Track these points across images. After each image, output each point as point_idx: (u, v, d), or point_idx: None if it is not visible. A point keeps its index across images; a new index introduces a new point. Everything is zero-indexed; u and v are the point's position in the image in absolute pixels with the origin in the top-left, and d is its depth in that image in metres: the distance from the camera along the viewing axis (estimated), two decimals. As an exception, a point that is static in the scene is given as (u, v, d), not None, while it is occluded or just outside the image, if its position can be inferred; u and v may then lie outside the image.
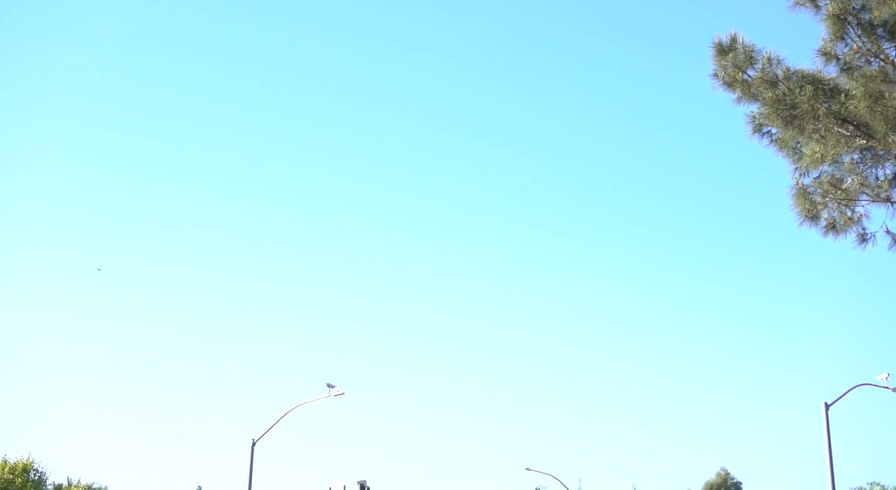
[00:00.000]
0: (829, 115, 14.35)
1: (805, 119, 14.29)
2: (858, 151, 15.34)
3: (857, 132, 14.57)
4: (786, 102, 14.39)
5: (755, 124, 15.89)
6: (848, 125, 14.56)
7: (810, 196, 15.51)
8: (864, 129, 14.44)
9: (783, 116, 14.47)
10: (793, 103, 14.32)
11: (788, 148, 15.96)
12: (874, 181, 15.36)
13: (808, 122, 14.31)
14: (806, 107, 14.14)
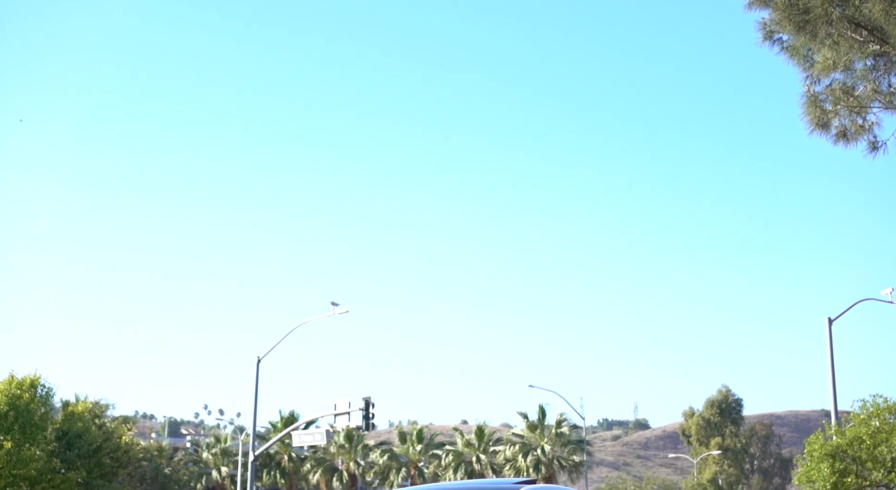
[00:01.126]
0: (842, 19, 13.99)
1: (818, 24, 13.92)
2: (871, 58, 15.00)
3: (870, 37, 14.22)
4: (798, 7, 14.02)
5: (766, 31, 15.53)
6: (861, 30, 14.20)
7: (821, 104, 15.19)
8: (877, 34, 14.09)
9: (795, 22, 14.10)
10: (805, 8, 13.95)
11: (800, 55, 15.61)
12: (887, 88, 15.05)
13: (820, 27, 13.94)
14: (819, 11, 13.76)
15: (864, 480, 24.65)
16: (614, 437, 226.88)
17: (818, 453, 24.68)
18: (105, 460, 38.35)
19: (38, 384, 32.70)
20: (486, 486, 7.39)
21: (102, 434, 39.43)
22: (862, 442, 24.28)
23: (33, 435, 31.86)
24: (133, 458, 45.15)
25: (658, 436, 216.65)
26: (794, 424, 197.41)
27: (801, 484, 26.14)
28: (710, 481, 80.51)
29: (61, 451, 36.71)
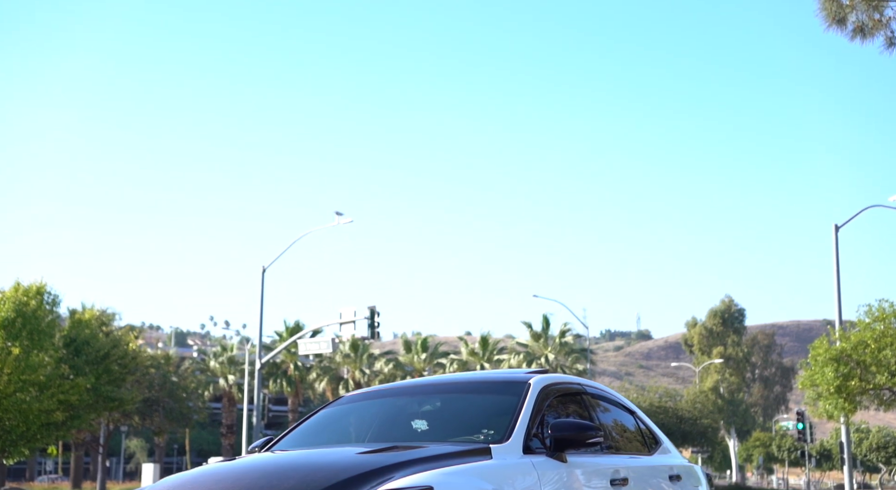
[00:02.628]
0: None
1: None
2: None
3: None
4: None
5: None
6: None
7: (838, -1, 14.75)
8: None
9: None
10: None
11: (815, -51, 15.15)
12: (905, -18, 14.61)
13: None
14: None
15: (868, 384, 24.79)
16: (617, 347, 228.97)
17: (822, 358, 24.77)
18: (113, 367, 38.67)
19: (44, 291, 32.73)
20: (499, 376, 7.31)
21: (110, 341, 39.68)
22: (866, 346, 24.33)
23: (41, 341, 32.02)
24: (140, 366, 45.53)
25: (660, 346, 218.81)
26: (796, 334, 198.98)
27: (804, 388, 26.31)
28: (711, 389, 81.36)
29: (69, 357, 36.98)
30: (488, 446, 5.89)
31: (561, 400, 6.83)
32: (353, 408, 7.27)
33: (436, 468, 5.37)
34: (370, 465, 5.34)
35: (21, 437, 31.59)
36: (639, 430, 7.65)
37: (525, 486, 5.73)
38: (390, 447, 5.88)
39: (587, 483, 6.37)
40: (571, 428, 6.19)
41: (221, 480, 5.34)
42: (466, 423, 6.58)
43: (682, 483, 7.54)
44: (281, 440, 6.92)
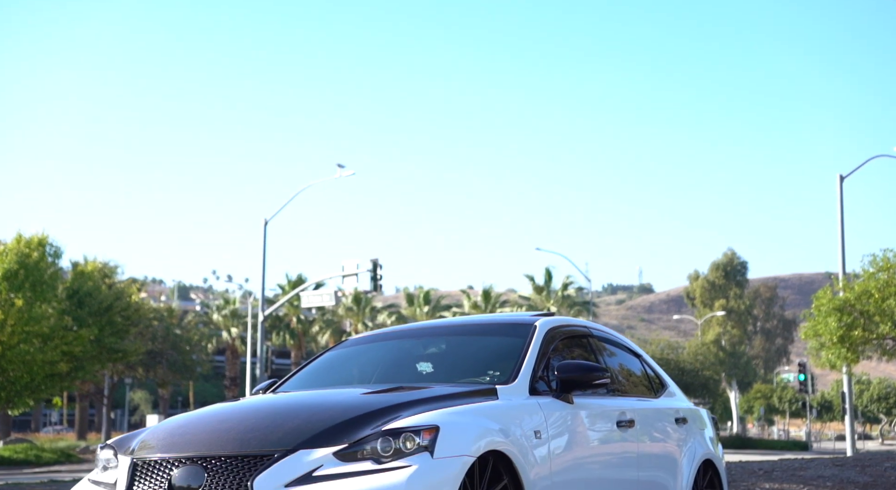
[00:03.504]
0: None
1: None
2: None
3: None
4: None
5: None
6: None
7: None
8: None
9: None
10: None
11: None
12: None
13: None
14: None
15: (871, 333, 24.80)
16: (618, 301, 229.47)
17: (826, 308, 24.74)
18: (116, 319, 38.75)
19: (46, 243, 32.71)
20: (505, 319, 7.25)
21: (112, 293, 39.72)
22: (870, 296, 24.30)
23: (44, 293, 32.05)
24: (143, 318, 45.63)
25: (662, 300, 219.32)
26: (798, 287, 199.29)
27: (807, 338, 26.31)
28: (713, 342, 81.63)
29: (72, 309, 37.03)
30: (494, 387, 5.84)
31: (567, 343, 6.77)
32: (358, 350, 7.22)
33: (442, 408, 5.33)
34: (375, 404, 5.29)
35: (25, 387, 31.74)
36: (645, 374, 7.60)
37: (531, 426, 5.69)
38: (395, 387, 5.83)
39: (593, 424, 6.33)
40: (578, 369, 6.14)
41: (226, 420, 5.30)
42: (472, 365, 6.53)
43: (688, 426, 7.51)
44: (285, 382, 6.87)
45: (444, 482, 4.87)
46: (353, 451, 4.88)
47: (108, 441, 5.50)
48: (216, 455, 4.89)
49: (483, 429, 5.27)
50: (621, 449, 6.56)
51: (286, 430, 4.99)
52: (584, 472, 6.11)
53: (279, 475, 4.76)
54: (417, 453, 4.88)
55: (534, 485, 5.50)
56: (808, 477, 12.34)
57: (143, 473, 5.02)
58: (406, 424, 5.00)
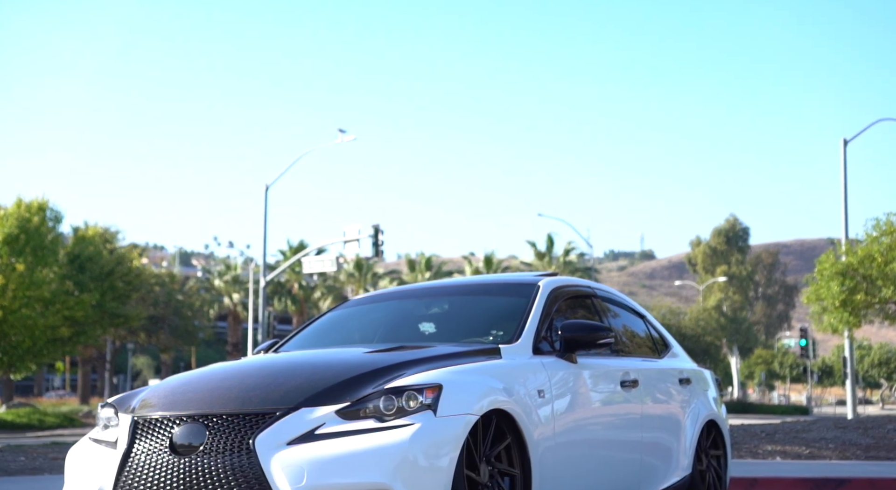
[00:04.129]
0: None
1: None
2: None
3: None
4: None
5: None
6: None
7: None
8: None
9: None
10: None
11: None
12: None
13: None
14: None
15: (874, 298, 24.75)
16: (620, 267, 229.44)
17: (828, 272, 24.68)
18: (117, 284, 38.74)
19: (46, 208, 32.64)
20: (508, 278, 7.19)
21: (114, 258, 39.69)
22: (873, 260, 24.22)
23: (45, 258, 32.01)
24: (145, 283, 45.65)
25: (663, 266, 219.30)
26: (800, 253, 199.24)
27: (809, 302, 26.27)
28: (714, 308, 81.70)
29: (73, 273, 37.03)
30: (497, 347, 5.79)
31: (570, 303, 6.71)
32: (360, 311, 7.17)
33: (445, 367, 5.28)
34: (378, 363, 5.25)
35: (27, 352, 31.77)
36: (648, 335, 7.55)
37: (535, 385, 5.65)
38: (398, 347, 5.79)
39: (597, 384, 6.29)
40: (581, 329, 6.09)
41: (227, 378, 5.26)
42: (475, 325, 6.48)
43: (692, 386, 7.47)
44: (287, 342, 6.83)
45: (448, 441, 4.83)
46: (355, 409, 4.84)
47: (109, 399, 5.47)
48: (217, 413, 4.86)
49: (486, 388, 5.23)
50: (625, 409, 6.53)
51: (288, 389, 4.95)
52: (587, 432, 6.08)
53: (281, 433, 4.73)
54: (420, 412, 4.84)
55: (537, 445, 5.47)
56: (811, 439, 12.34)
57: (144, 431, 4.98)
58: (409, 383, 4.96)
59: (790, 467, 10.19)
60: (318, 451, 4.67)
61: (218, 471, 4.69)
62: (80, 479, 5.14)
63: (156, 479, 4.80)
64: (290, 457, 4.65)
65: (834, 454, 11.67)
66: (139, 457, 4.90)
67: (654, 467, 6.76)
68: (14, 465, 10.76)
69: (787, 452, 11.77)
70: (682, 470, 7.04)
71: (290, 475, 4.61)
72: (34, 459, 11.38)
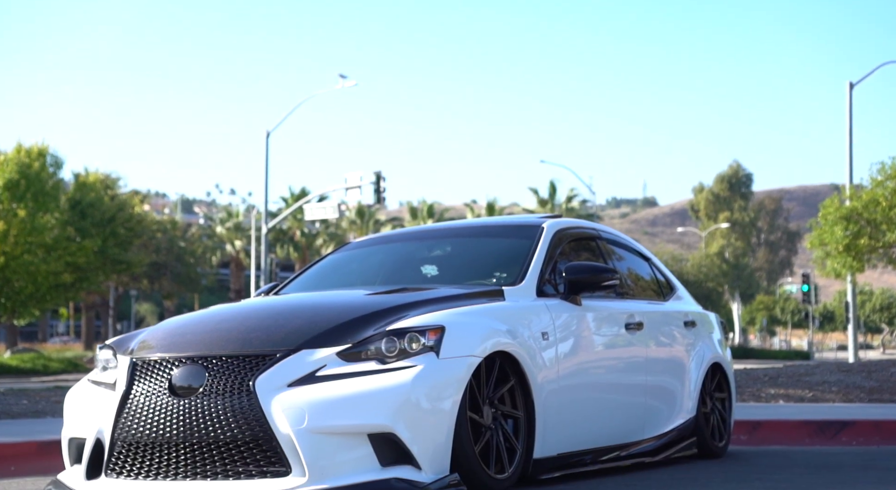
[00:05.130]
0: None
1: None
2: None
3: None
4: None
5: None
6: None
7: None
8: None
9: None
10: None
11: None
12: None
13: None
14: None
15: (878, 242, 24.65)
16: (622, 214, 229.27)
17: (832, 216, 24.55)
18: (119, 230, 38.69)
19: (46, 153, 32.49)
20: (512, 220, 7.11)
21: (115, 205, 39.60)
22: (877, 204, 24.10)
23: (46, 203, 31.95)
24: (147, 229, 45.59)
25: (666, 213, 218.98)
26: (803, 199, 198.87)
27: (812, 247, 26.19)
28: (716, 254, 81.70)
29: (75, 220, 36.96)
30: (501, 289, 5.72)
31: (574, 245, 6.63)
32: (361, 253, 7.09)
33: (448, 309, 5.22)
34: (380, 305, 5.18)
35: (31, 297, 31.80)
36: (654, 277, 7.48)
37: (539, 327, 5.59)
38: (400, 289, 5.71)
39: (601, 327, 6.23)
40: (586, 270, 6.02)
41: (227, 320, 5.19)
42: (478, 268, 6.40)
43: (697, 329, 7.42)
44: (287, 285, 6.76)
45: (450, 382, 4.79)
46: (356, 351, 4.80)
47: (108, 341, 5.41)
48: (217, 355, 4.80)
49: (490, 329, 5.17)
50: (629, 352, 6.48)
51: (288, 330, 4.90)
52: (591, 375, 6.04)
53: (281, 375, 4.68)
54: (423, 353, 4.80)
55: (541, 387, 5.42)
56: (814, 382, 12.34)
57: (143, 373, 4.92)
58: (411, 324, 4.90)
59: (793, 410, 10.18)
60: (320, 392, 4.62)
61: (218, 412, 4.64)
62: (80, 420, 5.11)
63: (155, 420, 4.75)
64: (290, 399, 4.61)
65: (837, 397, 11.67)
66: (138, 398, 4.85)
67: (658, 410, 6.72)
68: (16, 408, 10.79)
69: (790, 396, 11.76)
70: (686, 413, 7.01)
71: (291, 417, 4.57)
72: (36, 403, 11.41)
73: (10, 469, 7.19)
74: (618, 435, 6.31)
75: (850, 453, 7.50)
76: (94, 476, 4.95)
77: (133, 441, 4.79)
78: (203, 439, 4.64)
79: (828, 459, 6.97)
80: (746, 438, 8.63)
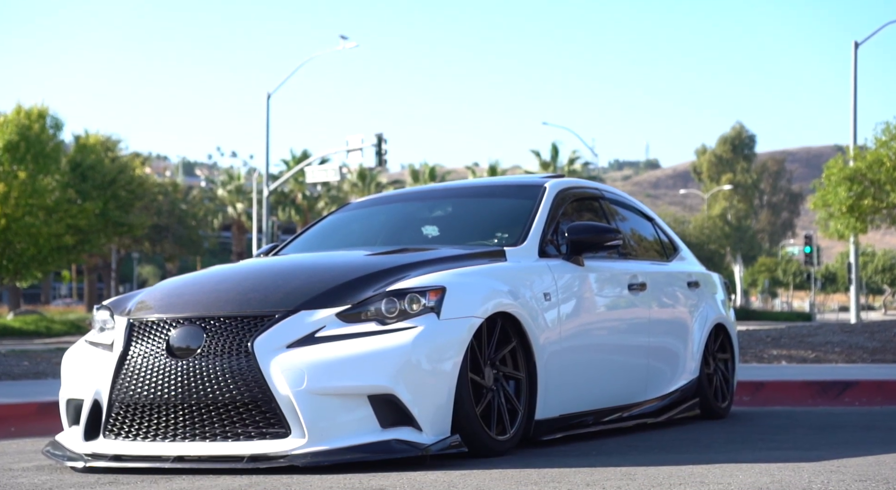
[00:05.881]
0: None
1: None
2: None
3: None
4: None
5: None
6: None
7: None
8: None
9: None
10: None
11: None
12: None
13: None
14: None
15: (881, 203, 24.55)
16: (625, 177, 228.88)
17: (836, 177, 24.43)
18: (120, 192, 38.60)
19: (46, 115, 32.31)
20: (513, 180, 7.04)
21: (116, 167, 39.47)
22: (882, 164, 23.96)
23: (46, 165, 31.82)
24: (148, 192, 45.49)
25: (668, 175, 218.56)
26: (806, 160, 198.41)
27: (815, 208, 26.09)
28: (719, 216, 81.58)
29: (76, 182, 36.88)
30: (502, 249, 5.66)
31: (577, 205, 6.55)
32: (361, 214, 7.02)
33: (449, 269, 5.16)
34: (380, 265, 5.12)
35: (32, 259, 31.78)
36: (657, 237, 7.40)
37: (541, 288, 5.53)
38: (400, 249, 5.65)
39: (604, 288, 6.17)
40: (589, 230, 5.95)
41: (225, 281, 5.14)
42: (479, 228, 6.34)
43: (700, 290, 7.36)
44: (287, 246, 6.70)
45: (451, 344, 4.74)
46: (356, 312, 4.75)
47: (105, 302, 5.35)
48: (215, 315, 4.76)
49: (491, 290, 5.11)
50: (632, 313, 6.43)
51: (287, 291, 4.84)
52: (593, 336, 6.00)
53: (280, 336, 4.64)
54: (423, 314, 4.75)
55: (543, 349, 5.38)
56: (817, 343, 12.31)
57: (140, 334, 4.88)
58: (412, 285, 4.85)
59: (796, 371, 10.16)
60: (319, 354, 4.58)
61: (216, 373, 4.60)
62: (77, 381, 5.07)
63: (153, 381, 4.71)
64: (289, 360, 4.57)
65: (840, 358, 11.65)
66: (135, 359, 4.81)
67: (660, 371, 6.68)
68: (17, 370, 10.80)
69: (793, 356, 11.75)
70: (689, 374, 6.97)
71: (290, 378, 4.53)
72: (38, 364, 11.41)
73: (11, 430, 7.19)
74: (620, 396, 6.27)
75: (853, 413, 7.48)
76: (92, 437, 4.92)
77: (131, 402, 4.76)
78: (201, 401, 4.60)
79: (831, 420, 6.94)
80: (749, 399, 8.61)
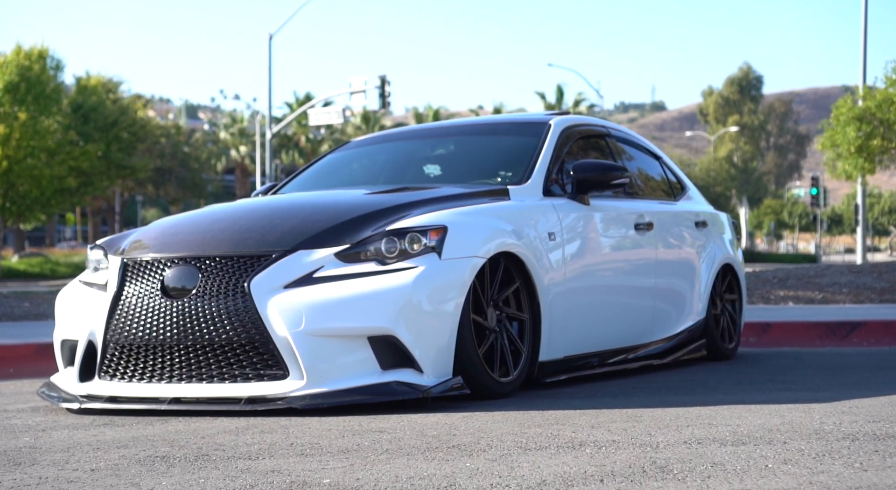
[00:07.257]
0: None
1: None
2: None
3: None
4: None
5: None
6: None
7: None
8: None
9: None
10: None
11: None
12: None
13: None
14: None
15: (890, 143, 24.25)
16: (630, 119, 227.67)
17: (845, 117, 24.11)
18: (122, 134, 38.36)
19: (46, 56, 31.96)
20: (517, 118, 6.89)
21: (118, 109, 39.20)
22: (892, 104, 23.62)
23: (47, 107, 31.55)
24: (151, 134, 45.25)
25: (674, 117, 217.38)
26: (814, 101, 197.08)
27: (823, 149, 25.80)
28: (725, 158, 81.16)
29: (77, 124, 36.65)
30: (506, 188, 5.53)
31: (583, 143, 6.40)
32: (362, 152, 6.88)
33: (450, 208, 5.04)
34: (380, 204, 5.00)
35: (35, 202, 31.68)
36: (664, 177, 7.26)
37: (545, 228, 5.41)
38: (401, 188, 5.53)
39: (610, 227, 6.05)
40: (594, 168, 5.81)
41: (221, 220, 5.01)
42: (482, 166, 6.21)
43: (708, 230, 7.23)
44: (285, 185, 6.57)
45: (453, 284, 4.64)
46: (355, 251, 4.64)
47: (98, 241, 5.23)
48: (211, 255, 4.65)
49: (494, 229, 4.99)
50: (638, 254, 6.31)
51: (284, 230, 4.73)
52: (599, 277, 5.89)
53: (277, 276, 4.54)
54: (424, 254, 4.65)
55: (547, 290, 5.27)
56: (824, 284, 12.21)
57: (135, 274, 4.77)
58: (412, 224, 4.73)
59: (804, 312, 10.08)
60: (317, 294, 4.48)
61: (212, 314, 4.51)
62: (71, 321, 4.99)
63: (148, 322, 4.62)
64: (287, 300, 4.47)
65: (847, 298, 11.56)
66: (130, 300, 4.71)
67: (666, 312, 6.59)
68: (18, 311, 10.78)
69: (800, 297, 11.66)
70: (696, 315, 6.88)
71: (288, 319, 4.43)
72: (38, 305, 11.37)
73: (9, 371, 7.15)
74: (625, 338, 6.18)
75: (861, 354, 7.40)
76: (87, 378, 4.84)
77: (126, 343, 4.67)
78: (197, 341, 4.51)
79: (839, 360, 6.86)
80: (756, 340, 8.54)
